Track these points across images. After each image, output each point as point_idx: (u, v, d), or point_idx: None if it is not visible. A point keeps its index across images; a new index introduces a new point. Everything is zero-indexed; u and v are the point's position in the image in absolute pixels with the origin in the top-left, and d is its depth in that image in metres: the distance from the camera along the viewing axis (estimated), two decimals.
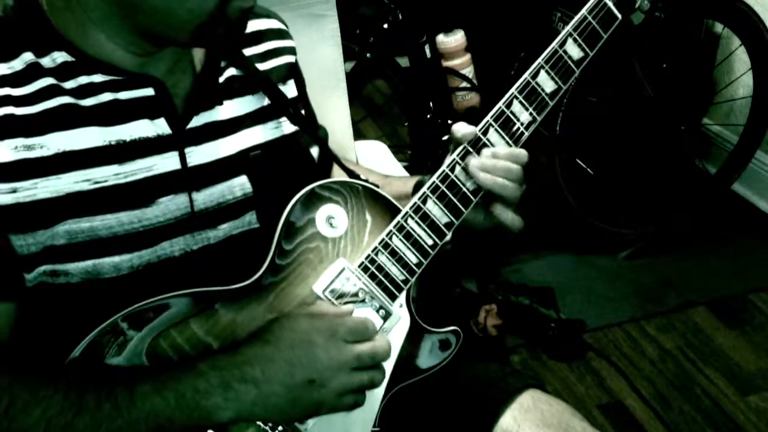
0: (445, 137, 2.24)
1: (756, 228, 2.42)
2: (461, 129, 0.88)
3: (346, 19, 1.49)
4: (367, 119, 2.83)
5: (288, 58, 0.97)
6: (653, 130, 2.29)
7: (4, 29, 0.78)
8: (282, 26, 0.99)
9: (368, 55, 2.19)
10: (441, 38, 2.20)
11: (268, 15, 0.97)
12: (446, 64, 2.22)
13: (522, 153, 0.88)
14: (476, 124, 0.97)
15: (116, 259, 0.78)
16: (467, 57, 2.23)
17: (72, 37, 0.77)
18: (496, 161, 0.86)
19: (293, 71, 0.98)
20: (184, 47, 0.83)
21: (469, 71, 2.24)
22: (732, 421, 1.74)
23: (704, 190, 2.37)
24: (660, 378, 1.87)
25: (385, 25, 2.19)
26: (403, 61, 2.26)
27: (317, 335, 0.76)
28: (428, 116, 2.27)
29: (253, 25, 0.94)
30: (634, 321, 2.05)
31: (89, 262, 0.77)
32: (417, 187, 0.98)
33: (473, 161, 0.86)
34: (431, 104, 2.26)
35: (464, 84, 2.23)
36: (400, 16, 2.17)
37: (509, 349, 1.95)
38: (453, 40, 2.19)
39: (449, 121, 2.25)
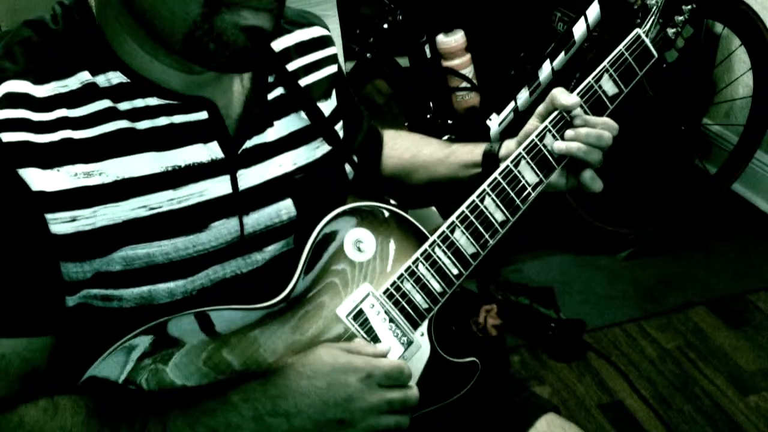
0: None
1: (756, 228, 2.42)
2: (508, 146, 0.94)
3: (346, 19, 1.49)
4: None
5: (330, 69, 0.94)
6: (653, 130, 2.28)
7: (58, 43, 0.74)
8: (324, 32, 0.95)
9: (368, 55, 2.19)
10: (441, 38, 2.20)
11: (311, 23, 0.94)
12: (446, 64, 2.22)
13: (613, 124, 0.92)
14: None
15: (171, 285, 0.77)
16: (467, 57, 2.23)
17: (125, 57, 0.75)
18: (590, 130, 0.90)
19: (335, 81, 0.96)
20: (194, 62, 0.78)
21: (469, 71, 2.24)
22: (732, 421, 1.74)
23: (704, 190, 2.36)
24: (660, 378, 1.87)
25: (385, 25, 2.19)
26: (403, 61, 2.26)
27: (354, 376, 0.75)
28: (428, 116, 2.27)
29: (297, 36, 0.91)
30: (634, 321, 2.05)
31: (144, 288, 0.76)
32: (485, 156, 0.99)
33: (568, 132, 0.90)
34: (431, 104, 2.26)
35: (464, 84, 2.23)
36: (400, 16, 2.17)
37: (509, 349, 1.95)
38: (453, 40, 2.19)
39: (449, 121, 2.25)
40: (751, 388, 1.83)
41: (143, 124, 0.75)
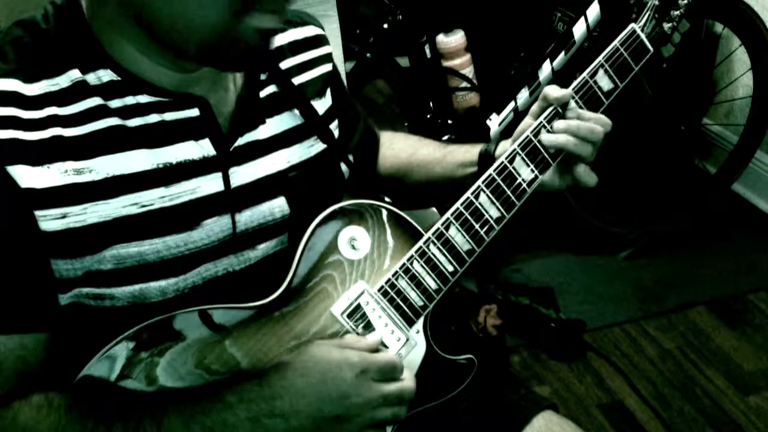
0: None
1: (756, 228, 2.42)
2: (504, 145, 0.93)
3: (346, 19, 1.49)
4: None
5: (324, 68, 0.94)
6: (653, 130, 2.28)
7: (48, 42, 0.74)
8: (318, 32, 0.95)
9: (368, 55, 2.19)
10: (441, 38, 2.20)
11: (305, 22, 0.94)
12: (446, 64, 2.22)
13: (606, 120, 0.92)
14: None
15: (162, 283, 0.77)
16: (467, 57, 2.23)
17: (116, 55, 0.74)
18: (580, 122, 0.90)
19: (330, 79, 0.95)
20: (204, 65, 0.78)
21: (469, 71, 2.24)
22: (732, 421, 1.74)
23: (704, 190, 2.36)
24: (660, 378, 1.87)
25: (385, 25, 2.20)
26: (403, 61, 2.26)
27: (349, 371, 0.75)
28: (428, 116, 2.27)
29: (291, 35, 0.91)
30: (634, 321, 2.05)
31: (136, 287, 0.76)
32: (481, 156, 0.99)
33: (557, 123, 0.90)
34: (431, 104, 2.26)
35: (464, 84, 2.23)
36: (400, 16, 2.17)
37: (509, 349, 1.95)
38: (453, 40, 2.19)
39: (449, 121, 2.25)
40: (751, 388, 1.82)
41: (134, 122, 0.75)
